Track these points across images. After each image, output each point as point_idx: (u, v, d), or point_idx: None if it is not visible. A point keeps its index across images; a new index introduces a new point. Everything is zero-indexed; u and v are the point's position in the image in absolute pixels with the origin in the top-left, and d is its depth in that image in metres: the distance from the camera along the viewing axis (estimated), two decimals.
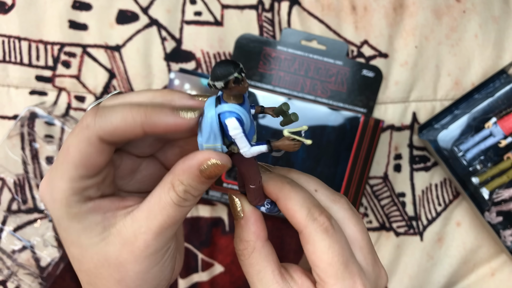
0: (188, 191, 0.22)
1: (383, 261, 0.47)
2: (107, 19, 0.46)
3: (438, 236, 0.47)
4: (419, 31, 0.46)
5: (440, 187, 0.47)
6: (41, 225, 0.45)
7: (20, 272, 0.45)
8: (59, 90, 0.46)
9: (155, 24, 0.46)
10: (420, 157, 0.47)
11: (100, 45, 0.46)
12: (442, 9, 0.47)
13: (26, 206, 0.45)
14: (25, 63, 0.46)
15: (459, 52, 0.47)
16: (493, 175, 0.45)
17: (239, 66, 0.21)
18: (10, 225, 0.45)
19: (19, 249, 0.45)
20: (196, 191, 0.23)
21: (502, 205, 0.44)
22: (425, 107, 0.47)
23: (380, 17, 0.46)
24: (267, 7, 0.46)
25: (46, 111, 0.45)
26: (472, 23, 0.47)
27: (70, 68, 0.46)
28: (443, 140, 0.45)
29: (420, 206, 0.47)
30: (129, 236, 0.23)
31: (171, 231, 0.23)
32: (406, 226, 0.47)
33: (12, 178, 0.45)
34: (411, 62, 0.46)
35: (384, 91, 0.47)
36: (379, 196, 0.47)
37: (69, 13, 0.45)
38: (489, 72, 0.46)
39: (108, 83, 0.46)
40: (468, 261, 0.47)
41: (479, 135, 0.45)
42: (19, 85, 0.46)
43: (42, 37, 0.46)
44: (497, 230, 0.44)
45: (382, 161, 0.47)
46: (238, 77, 0.21)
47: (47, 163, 0.46)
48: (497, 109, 0.45)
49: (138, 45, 0.46)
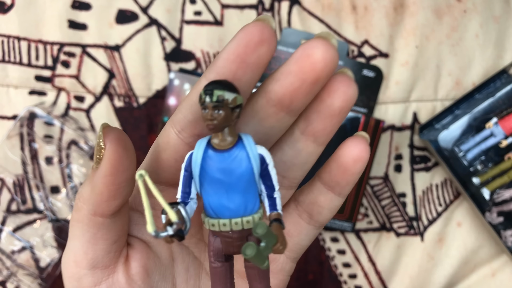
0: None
1: (384, 262, 0.47)
2: (107, 19, 0.46)
3: (439, 236, 0.47)
4: (419, 30, 0.46)
5: (441, 187, 0.47)
6: (40, 226, 0.45)
7: (19, 272, 0.45)
8: (58, 90, 0.46)
9: (154, 24, 0.46)
10: (421, 157, 0.47)
11: (99, 45, 0.46)
12: (443, 9, 0.46)
13: (25, 207, 0.45)
14: (25, 63, 0.46)
15: (460, 52, 0.46)
16: (494, 175, 0.44)
17: (214, 85, 0.17)
18: (9, 225, 0.45)
19: (19, 250, 0.45)
20: None
21: (503, 206, 0.44)
22: (425, 107, 0.47)
23: (380, 16, 0.46)
24: (267, 7, 0.46)
25: (46, 111, 0.44)
26: (473, 23, 0.46)
27: (70, 68, 0.46)
28: (443, 140, 0.45)
29: (421, 206, 0.47)
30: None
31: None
32: (406, 226, 0.47)
33: (11, 179, 0.45)
34: (411, 62, 0.46)
35: (385, 91, 0.46)
36: (380, 197, 0.47)
37: (68, 13, 0.45)
38: (490, 72, 0.46)
39: (108, 83, 0.46)
40: (469, 262, 0.47)
41: (480, 135, 0.45)
42: (19, 85, 0.46)
43: (42, 37, 0.45)
44: (498, 231, 0.44)
45: (383, 161, 0.47)
46: (200, 95, 0.18)
47: (46, 163, 0.45)
48: (498, 109, 0.45)
49: (137, 45, 0.46)
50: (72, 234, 0.22)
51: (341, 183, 0.22)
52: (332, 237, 0.47)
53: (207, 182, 0.19)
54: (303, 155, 0.22)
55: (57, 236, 0.45)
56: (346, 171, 0.22)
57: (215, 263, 0.20)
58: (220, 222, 0.19)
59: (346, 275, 0.47)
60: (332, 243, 0.47)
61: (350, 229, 0.45)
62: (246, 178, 0.18)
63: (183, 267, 0.25)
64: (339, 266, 0.47)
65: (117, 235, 0.22)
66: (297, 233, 0.24)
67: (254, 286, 0.20)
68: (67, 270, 0.22)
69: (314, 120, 0.21)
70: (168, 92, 0.45)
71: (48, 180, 0.46)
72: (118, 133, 0.20)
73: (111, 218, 0.21)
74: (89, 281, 0.22)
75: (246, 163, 0.18)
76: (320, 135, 0.21)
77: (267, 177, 0.19)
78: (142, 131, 0.46)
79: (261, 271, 0.20)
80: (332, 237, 0.47)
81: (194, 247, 0.26)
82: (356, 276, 0.47)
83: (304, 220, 0.24)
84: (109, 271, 0.22)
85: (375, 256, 0.47)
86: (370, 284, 0.47)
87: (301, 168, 0.23)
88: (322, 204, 0.23)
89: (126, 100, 0.46)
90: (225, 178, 0.18)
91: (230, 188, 0.18)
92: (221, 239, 0.19)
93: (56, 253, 0.45)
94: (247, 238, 0.19)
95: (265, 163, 0.19)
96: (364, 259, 0.47)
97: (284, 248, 0.18)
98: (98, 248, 0.22)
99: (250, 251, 0.17)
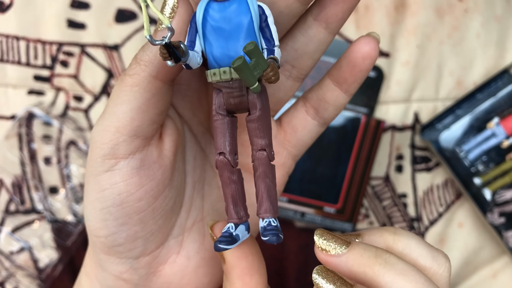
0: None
1: None
2: (106, 18, 0.45)
3: (440, 237, 0.47)
4: (420, 30, 0.46)
5: (442, 188, 0.47)
6: (39, 226, 0.45)
7: (18, 273, 0.45)
8: (57, 90, 0.46)
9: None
10: (422, 158, 0.47)
11: (98, 44, 0.46)
12: (444, 8, 0.46)
13: (24, 207, 0.45)
14: (23, 63, 0.45)
15: (461, 51, 0.46)
16: (496, 175, 0.44)
17: None
18: (8, 226, 0.45)
19: (17, 251, 0.45)
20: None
21: (504, 206, 0.44)
22: (427, 107, 0.47)
23: (381, 16, 0.46)
24: None
25: (44, 111, 0.44)
26: (474, 23, 0.46)
27: (68, 68, 0.46)
28: (445, 140, 0.45)
29: (422, 207, 0.47)
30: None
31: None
32: (407, 227, 0.47)
33: (10, 179, 0.45)
34: (412, 62, 0.46)
35: (386, 91, 0.46)
36: (380, 197, 0.47)
37: (67, 12, 0.45)
38: (491, 72, 0.46)
39: (107, 82, 0.46)
40: (470, 263, 0.47)
41: (482, 136, 0.45)
42: (17, 85, 0.45)
43: (40, 36, 0.45)
44: (500, 231, 0.44)
45: (384, 162, 0.47)
46: None
47: (45, 163, 0.45)
48: (500, 109, 0.45)
49: (137, 45, 0.46)
50: (120, 100, 0.22)
51: (349, 80, 0.24)
52: None
53: (208, 31, 0.20)
54: (314, 42, 0.23)
55: (56, 236, 0.45)
56: (355, 67, 0.23)
57: (217, 116, 0.21)
58: (221, 70, 0.20)
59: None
60: None
61: (351, 230, 0.45)
62: (245, 26, 0.19)
63: (191, 154, 0.26)
64: None
65: (165, 105, 0.23)
66: (302, 128, 0.26)
67: (255, 142, 0.21)
68: (103, 136, 0.22)
69: (328, 5, 0.22)
70: None
71: (47, 180, 0.45)
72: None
73: (169, 84, 0.22)
74: (126, 149, 0.22)
75: (245, 12, 0.19)
76: (332, 21, 0.23)
77: (267, 30, 0.20)
78: None
79: (261, 125, 0.20)
80: None
81: (201, 137, 0.27)
82: None
83: (310, 115, 0.26)
84: (146, 142, 0.23)
85: None
86: None
87: (311, 57, 0.24)
88: (329, 100, 0.25)
89: None
90: (226, 26, 0.19)
91: (230, 36, 0.19)
92: (223, 92, 0.20)
93: (55, 254, 0.45)
94: (247, 90, 0.20)
95: (265, 14, 0.20)
96: None
97: (275, 78, 0.18)
98: (146, 115, 0.22)
99: (238, 62, 0.17)
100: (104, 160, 0.22)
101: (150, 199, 0.24)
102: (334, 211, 0.45)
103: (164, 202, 0.24)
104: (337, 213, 0.45)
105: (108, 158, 0.22)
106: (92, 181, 0.23)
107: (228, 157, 0.21)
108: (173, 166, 0.24)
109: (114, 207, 0.23)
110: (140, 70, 0.21)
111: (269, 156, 0.21)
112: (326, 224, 0.45)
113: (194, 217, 0.27)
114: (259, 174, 0.21)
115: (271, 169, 0.21)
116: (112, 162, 0.22)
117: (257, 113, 0.20)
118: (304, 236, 0.47)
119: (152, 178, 0.23)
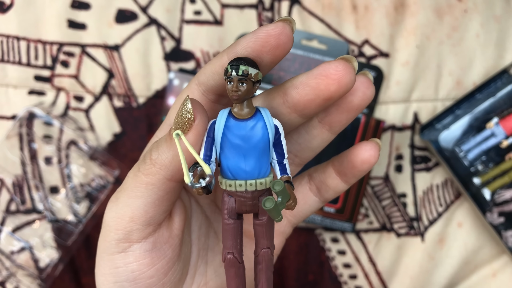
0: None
1: (384, 262, 0.47)
2: (106, 19, 0.45)
3: (439, 237, 0.47)
4: (420, 30, 0.46)
5: (442, 187, 0.47)
6: (39, 226, 0.45)
7: (19, 273, 0.45)
8: (57, 90, 0.46)
9: (154, 23, 0.46)
10: (422, 158, 0.47)
11: (99, 44, 0.46)
12: (444, 9, 0.46)
13: (24, 207, 0.45)
14: (24, 63, 0.45)
15: (460, 51, 0.46)
16: (495, 175, 0.44)
17: (239, 61, 0.20)
18: (8, 226, 0.45)
19: (18, 250, 0.45)
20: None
21: (503, 206, 0.44)
22: (426, 107, 0.47)
23: (381, 16, 0.46)
24: (267, 6, 0.46)
25: (45, 111, 0.44)
26: (474, 23, 0.46)
27: (69, 68, 0.46)
28: (444, 140, 0.45)
29: (421, 206, 0.47)
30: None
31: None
32: (407, 227, 0.47)
33: (10, 179, 0.45)
34: (412, 62, 0.46)
35: (385, 91, 0.46)
36: (380, 197, 0.47)
37: (67, 13, 0.45)
38: (490, 72, 0.46)
39: (107, 83, 0.46)
40: (470, 262, 0.47)
41: (481, 136, 0.45)
42: (18, 85, 0.45)
43: (41, 36, 0.45)
44: (499, 231, 0.44)
45: (383, 162, 0.47)
46: (226, 69, 0.20)
47: (45, 163, 0.45)
48: (499, 109, 0.45)
49: (137, 45, 0.46)
50: (134, 194, 0.23)
51: (348, 175, 0.26)
52: (333, 237, 0.47)
53: (227, 147, 0.21)
54: (317, 140, 0.25)
55: (57, 236, 0.45)
56: (354, 168, 0.25)
57: (228, 220, 0.22)
58: (237, 183, 0.22)
59: (347, 275, 0.47)
60: (332, 244, 0.47)
61: (351, 230, 0.45)
62: (262, 145, 0.21)
63: (197, 224, 0.28)
64: (340, 266, 0.47)
65: (176, 197, 0.24)
66: (304, 202, 0.28)
67: (260, 242, 0.23)
68: (118, 223, 0.23)
69: (333, 112, 0.24)
70: (167, 92, 0.45)
71: (48, 180, 0.45)
72: (203, 107, 0.22)
73: (182, 182, 0.23)
74: (139, 235, 0.24)
75: (263, 131, 0.21)
76: (335, 126, 0.24)
77: (279, 146, 0.22)
78: (142, 131, 0.46)
79: (267, 229, 0.22)
80: (332, 238, 0.47)
81: (207, 207, 0.29)
82: (357, 276, 0.47)
83: (313, 192, 0.28)
84: (158, 227, 0.24)
85: (375, 256, 0.47)
86: (370, 284, 0.47)
87: (312, 151, 0.26)
88: (330, 186, 0.27)
89: (126, 100, 0.46)
90: (244, 144, 0.21)
91: (247, 153, 0.21)
92: (235, 199, 0.22)
93: (56, 254, 0.45)
94: (258, 199, 0.22)
95: (279, 133, 0.22)
96: (365, 260, 0.47)
97: (295, 205, 0.21)
98: (159, 208, 0.23)
99: (269, 203, 0.20)
100: (118, 243, 0.24)
101: (161, 275, 0.25)
102: (334, 210, 0.45)
103: (173, 276, 0.25)
104: (337, 213, 0.45)
105: (122, 242, 0.24)
106: (106, 258, 0.24)
107: (236, 256, 0.23)
108: (181, 242, 0.26)
109: (128, 282, 0.24)
110: (155, 172, 0.22)
111: (272, 252, 0.23)
112: (325, 223, 0.45)
113: (198, 283, 0.28)
114: (262, 268, 0.23)
115: (272, 261, 0.23)
116: (126, 245, 0.24)
117: (265, 220, 0.22)
118: (304, 236, 0.47)
119: (163, 257, 0.25)
